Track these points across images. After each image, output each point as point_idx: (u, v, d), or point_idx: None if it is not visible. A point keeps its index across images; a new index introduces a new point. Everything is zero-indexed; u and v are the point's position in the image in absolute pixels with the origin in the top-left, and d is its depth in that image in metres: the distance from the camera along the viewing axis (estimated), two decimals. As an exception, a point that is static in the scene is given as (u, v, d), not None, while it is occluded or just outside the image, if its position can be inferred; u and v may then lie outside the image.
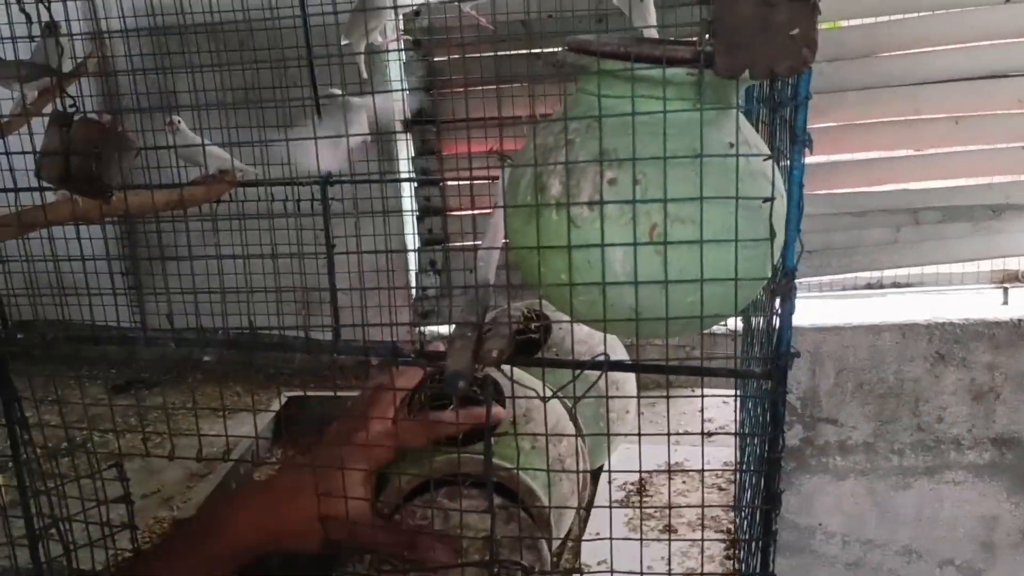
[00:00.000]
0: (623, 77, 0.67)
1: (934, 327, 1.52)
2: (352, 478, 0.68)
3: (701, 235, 0.65)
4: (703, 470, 1.14)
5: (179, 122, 1.27)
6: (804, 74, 0.62)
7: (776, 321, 0.67)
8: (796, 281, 0.67)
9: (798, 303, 1.76)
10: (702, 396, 0.70)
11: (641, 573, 0.68)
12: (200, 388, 1.55)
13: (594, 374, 0.69)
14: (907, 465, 1.60)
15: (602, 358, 0.68)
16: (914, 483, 1.60)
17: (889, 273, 1.60)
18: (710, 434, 1.22)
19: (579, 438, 0.96)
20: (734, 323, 0.79)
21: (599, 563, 0.92)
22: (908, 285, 1.61)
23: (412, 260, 1.67)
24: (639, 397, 1.20)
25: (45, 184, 0.77)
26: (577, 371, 0.71)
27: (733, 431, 1.07)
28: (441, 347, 0.71)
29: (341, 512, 0.66)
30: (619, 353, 1.16)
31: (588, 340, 1.06)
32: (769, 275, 0.68)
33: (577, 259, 0.69)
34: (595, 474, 1.15)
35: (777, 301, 0.67)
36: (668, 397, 0.75)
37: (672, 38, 0.74)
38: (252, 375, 1.59)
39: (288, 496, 0.69)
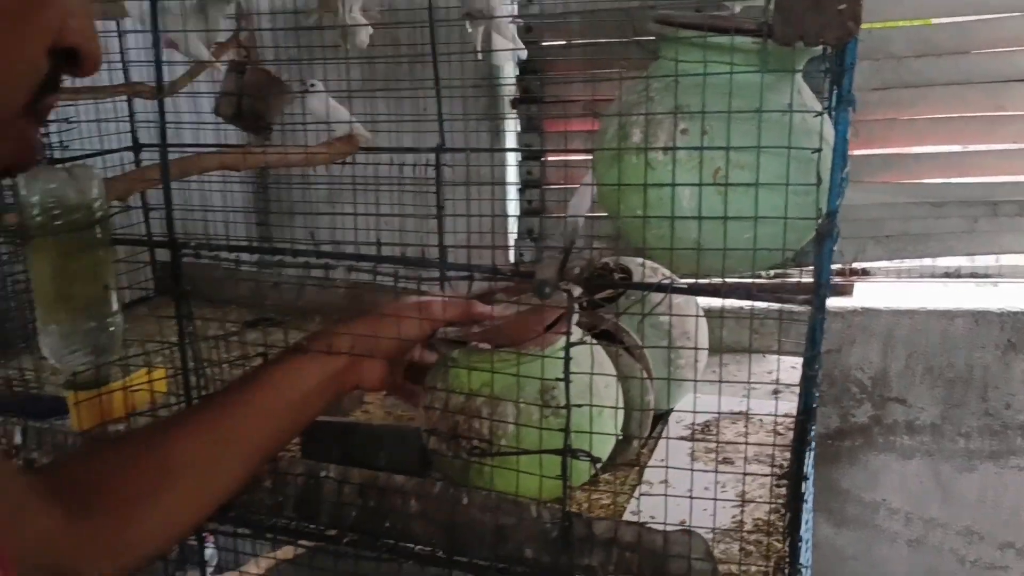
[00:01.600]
0: (698, 44, 0.80)
1: (1006, 316, 1.58)
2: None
3: (757, 179, 0.77)
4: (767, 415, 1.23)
5: (313, 84, 1.42)
6: (850, 44, 0.73)
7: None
8: (872, 265, 0.78)
9: (874, 286, 1.88)
10: (751, 315, 0.82)
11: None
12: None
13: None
14: (973, 448, 1.65)
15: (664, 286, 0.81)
16: (979, 466, 1.66)
17: (966, 264, 1.66)
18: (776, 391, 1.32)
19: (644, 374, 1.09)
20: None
21: (660, 482, 1.05)
22: (986, 276, 1.67)
23: (512, 226, 1.81)
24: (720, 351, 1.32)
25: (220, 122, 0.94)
26: (645, 292, 0.84)
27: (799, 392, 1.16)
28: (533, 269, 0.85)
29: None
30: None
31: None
32: (815, 217, 0.79)
33: (651, 196, 0.82)
34: (664, 416, 1.28)
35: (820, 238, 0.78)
36: (722, 316, 0.87)
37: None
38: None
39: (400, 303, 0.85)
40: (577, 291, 0.84)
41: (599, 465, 0.90)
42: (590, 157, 1.03)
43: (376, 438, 1.12)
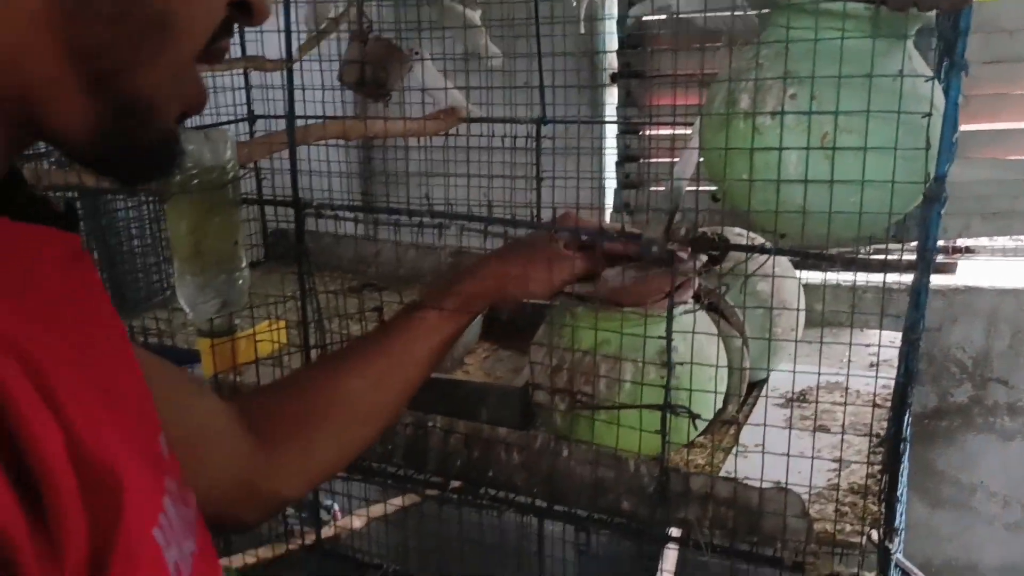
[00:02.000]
0: (809, 11, 0.81)
1: (1118, 296, 1.54)
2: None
3: (865, 143, 0.79)
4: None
5: (418, 54, 1.46)
6: (964, 10, 0.73)
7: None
8: (977, 243, 0.78)
9: (979, 264, 1.85)
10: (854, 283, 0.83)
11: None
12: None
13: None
14: (1078, 432, 1.62)
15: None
16: (1083, 451, 1.62)
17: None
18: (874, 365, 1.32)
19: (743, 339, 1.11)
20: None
21: (755, 445, 1.07)
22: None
23: (609, 198, 1.84)
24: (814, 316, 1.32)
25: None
26: (749, 254, 0.86)
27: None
28: (638, 230, 0.89)
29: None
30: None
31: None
32: (923, 182, 0.80)
33: (758, 161, 0.84)
34: (760, 384, 1.29)
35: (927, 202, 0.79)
36: (824, 285, 0.89)
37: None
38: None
39: (527, 254, 0.88)
40: (703, 259, 0.87)
41: (699, 423, 0.93)
42: (689, 131, 1.05)
43: (479, 395, 1.17)
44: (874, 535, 0.89)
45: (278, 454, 0.76)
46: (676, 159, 1.06)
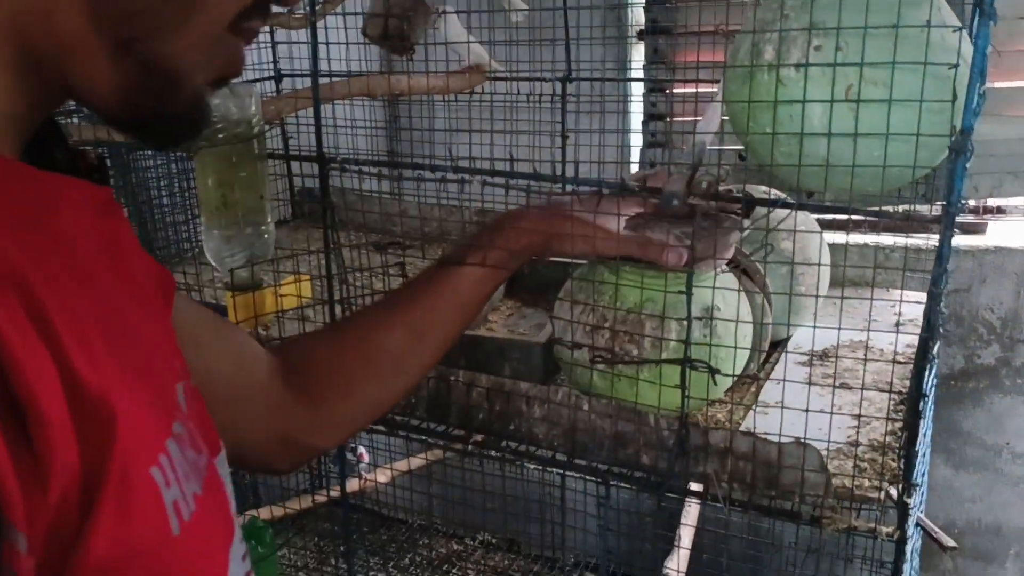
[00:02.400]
0: (837, -40, 0.80)
1: None
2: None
3: (891, 95, 0.78)
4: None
5: (443, 7, 1.45)
6: (995, -43, 0.72)
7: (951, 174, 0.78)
8: (1008, 202, 0.77)
9: (1009, 225, 1.82)
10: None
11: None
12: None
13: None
14: (1107, 394, 1.60)
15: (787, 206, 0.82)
16: (1112, 413, 1.61)
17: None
18: (898, 324, 1.31)
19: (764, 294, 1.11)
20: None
21: (776, 402, 1.07)
22: None
23: (635, 155, 1.83)
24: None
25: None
26: (769, 209, 0.86)
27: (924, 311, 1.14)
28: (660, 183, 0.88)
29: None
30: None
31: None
32: (949, 135, 0.79)
33: (781, 113, 0.83)
34: (783, 343, 1.29)
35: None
36: (847, 242, 0.88)
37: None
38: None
39: (558, 214, 0.87)
40: (746, 222, 0.86)
41: (720, 379, 0.94)
42: (715, 89, 1.04)
43: (502, 350, 1.18)
44: (892, 491, 0.89)
45: (316, 407, 0.77)
46: (701, 116, 1.06)
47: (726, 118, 0.96)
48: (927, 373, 0.83)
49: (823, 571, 1.51)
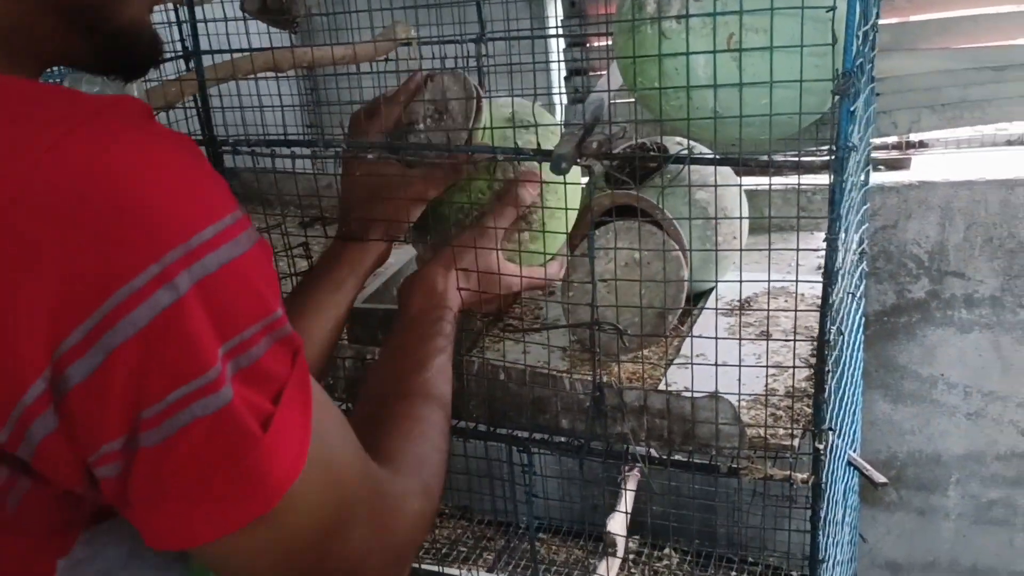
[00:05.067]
0: (709, -95, 0.78)
1: (1070, 182, 1.53)
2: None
3: (772, 42, 0.76)
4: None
5: None
6: None
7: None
8: (929, 136, 0.76)
9: (932, 159, 1.82)
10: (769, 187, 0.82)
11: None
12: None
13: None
14: (1034, 320, 1.63)
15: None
16: (1040, 337, 1.63)
17: (1028, 129, 1.60)
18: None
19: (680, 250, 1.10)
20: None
21: (698, 355, 1.07)
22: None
23: (558, 114, 1.81)
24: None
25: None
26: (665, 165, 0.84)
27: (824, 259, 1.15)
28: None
29: None
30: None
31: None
32: (833, 79, 0.78)
33: (667, 67, 0.81)
34: (705, 294, 1.29)
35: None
36: (741, 185, 0.87)
37: None
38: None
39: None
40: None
41: (628, 339, 0.93)
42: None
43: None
44: (807, 439, 0.90)
45: (400, 478, 0.70)
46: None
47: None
48: (828, 319, 0.83)
49: (768, 516, 1.53)
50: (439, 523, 1.85)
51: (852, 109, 0.77)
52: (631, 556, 1.70)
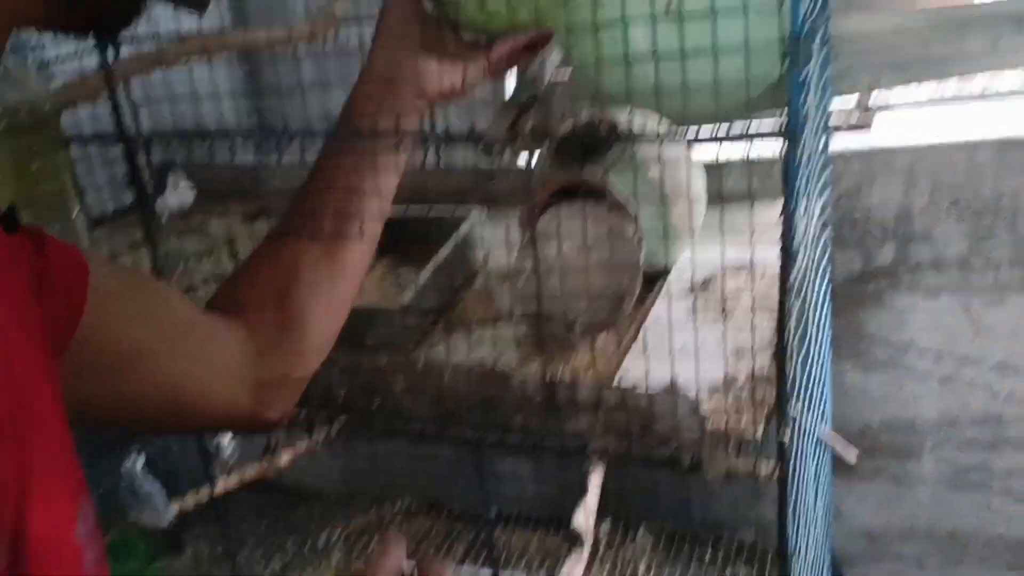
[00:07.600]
0: None
1: (1034, 138, 1.49)
2: None
3: (713, 5, 0.70)
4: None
5: None
6: None
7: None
8: (882, 92, 0.71)
9: (893, 118, 1.75)
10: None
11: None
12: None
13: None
14: (1003, 280, 1.58)
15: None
16: (1010, 298, 1.59)
17: (989, 85, 1.55)
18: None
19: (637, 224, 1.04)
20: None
21: (657, 342, 1.02)
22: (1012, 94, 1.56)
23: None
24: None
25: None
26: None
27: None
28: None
29: None
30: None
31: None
32: (779, 44, 0.72)
33: (604, 37, 0.75)
34: (663, 274, 1.23)
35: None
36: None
37: None
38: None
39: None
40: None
41: (579, 328, 0.88)
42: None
43: (359, 319, 1.10)
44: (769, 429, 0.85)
45: (268, 335, 0.73)
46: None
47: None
48: (791, 299, 0.78)
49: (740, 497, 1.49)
50: (407, 519, 1.80)
51: (803, 75, 0.71)
52: (603, 541, 1.66)
